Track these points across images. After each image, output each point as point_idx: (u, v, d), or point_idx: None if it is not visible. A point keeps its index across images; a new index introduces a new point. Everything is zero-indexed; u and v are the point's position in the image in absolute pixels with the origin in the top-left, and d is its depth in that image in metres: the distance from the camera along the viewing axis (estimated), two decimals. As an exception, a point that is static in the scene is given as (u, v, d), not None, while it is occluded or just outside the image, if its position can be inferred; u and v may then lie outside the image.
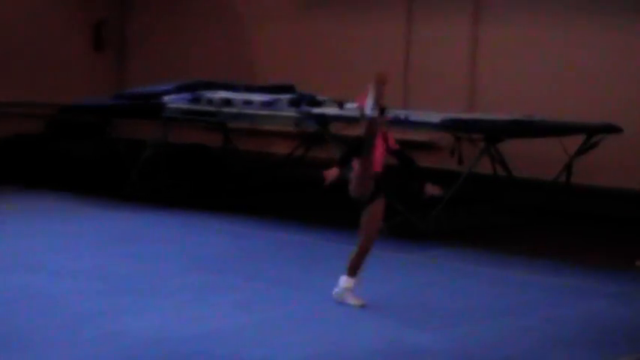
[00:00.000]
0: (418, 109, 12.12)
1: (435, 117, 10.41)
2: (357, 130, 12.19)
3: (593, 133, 10.92)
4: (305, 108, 11.38)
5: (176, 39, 15.76)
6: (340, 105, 11.75)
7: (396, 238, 9.97)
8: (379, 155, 6.92)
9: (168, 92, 12.22)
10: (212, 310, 6.81)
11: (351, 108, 11.66)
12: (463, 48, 13.07)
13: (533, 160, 11.96)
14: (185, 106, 11.88)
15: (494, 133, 10.59)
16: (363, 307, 6.89)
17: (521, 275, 8.36)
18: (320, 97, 12.13)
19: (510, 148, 11.49)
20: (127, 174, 12.41)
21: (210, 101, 11.76)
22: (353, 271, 7.01)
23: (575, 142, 11.00)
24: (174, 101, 11.98)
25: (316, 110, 11.20)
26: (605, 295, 7.82)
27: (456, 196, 10.11)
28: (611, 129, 10.95)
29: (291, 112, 11.18)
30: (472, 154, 11.31)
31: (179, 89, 12.27)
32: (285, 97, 11.78)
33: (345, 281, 7.01)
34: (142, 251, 8.82)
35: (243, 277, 7.91)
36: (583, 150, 11.05)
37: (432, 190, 6.92)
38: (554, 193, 11.34)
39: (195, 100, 11.87)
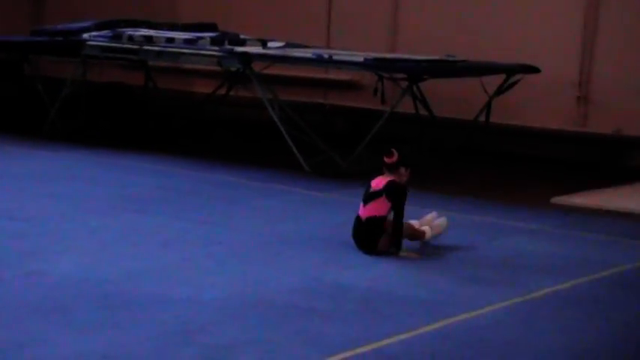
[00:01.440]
0: (340, 48, 12.12)
1: (359, 56, 10.42)
2: (280, 70, 12.27)
3: (512, 73, 11.08)
4: (228, 47, 11.28)
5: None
6: (263, 44, 11.69)
7: (318, 176, 10.05)
8: None
9: (87, 29, 11.97)
10: (135, 249, 6.79)
11: (273, 47, 11.64)
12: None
13: (454, 100, 12.10)
14: (105, 43, 11.66)
15: (417, 72, 10.67)
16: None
17: (439, 214, 8.50)
18: (243, 36, 12.04)
19: (432, 87, 11.60)
20: (45, 113, 12.20)
21: (131, 38, 11.57)
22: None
23: (494, 81, 11.15)
24: (94, 38, 11.75)
25: (239, 49, 11.12)
26: (522, 232, 8.01)
27: (377, 136, 10.19)
28: (529, 69, 11.12)
29: (213, 51, 11.07)
30: (395, 94, 11.39)
31: (99, 26, 12.03)
32: (208, 35, 11.65)
33: None
34: (63, 191, 8.72)
35: (166, 216, 7.89)
36: (502, 90, 11.21)
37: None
38: (474, 132, 11.51)
39: (116, 37, 11.66)
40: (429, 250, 7.11)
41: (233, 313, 5.49)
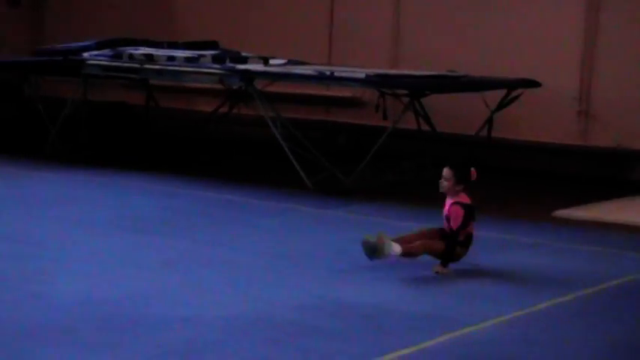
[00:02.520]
0: (342, 64, 12.15)
1: (360, 73, 10.44)
2: (282, 87, 12.29)
3: (513, 87, 11.10)
4: (229, 64, 11.31)
5: (95, -6, 15.47)
6: (265, 61, 11.72)
7: (321, 193, 10.04)
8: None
9: (88, 48, 12.00)
10: (137, 270, 6.78)
11: (275, 64, 11.66)
12: (387, 4, 13.09)
13: (456, 115, 12.10)
14: (106, 62, 11.67)
15: (418, 88, 10.68)
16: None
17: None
18: (244, 54, 12.07)
19: (434, 103, 11.61)
20: (46, 133, 12.21)
21: (132, 57, 11.58)
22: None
23: (495, 96, 11.16)
24: (95, 58, 11.77)
25: (241, 66, 11.14)
26: (524, 246, 8.01)
27: (380, 152, 10.20)
28: (530, 84, 11.14)
29: (215, 69, 11.10)
30: (396, 110, 11.40)
31: (100, 45, 12.05)
32: (209, 53, 11.68)
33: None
34: (64, 213, 8.71)
35: (168, 236, 7.89)
36: (503, 105, 11.23)
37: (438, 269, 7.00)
38: (475, 147, 11.51)
39: (117, 56, 11.67)
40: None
41: (237, 332, 5.48)
